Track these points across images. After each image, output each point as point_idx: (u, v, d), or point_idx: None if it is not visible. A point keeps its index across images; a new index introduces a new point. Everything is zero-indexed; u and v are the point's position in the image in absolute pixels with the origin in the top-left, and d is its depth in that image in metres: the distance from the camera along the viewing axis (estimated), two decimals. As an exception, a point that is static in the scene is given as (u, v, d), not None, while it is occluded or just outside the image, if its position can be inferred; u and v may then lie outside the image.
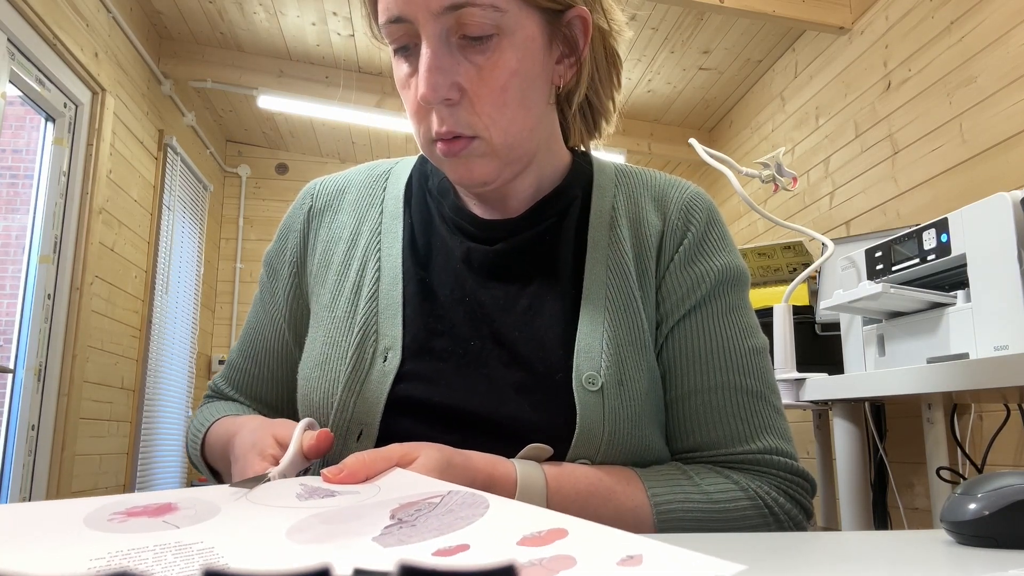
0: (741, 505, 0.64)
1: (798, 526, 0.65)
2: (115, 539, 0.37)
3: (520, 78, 0.64)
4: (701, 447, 0.68)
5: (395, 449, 0.54)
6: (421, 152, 0.81)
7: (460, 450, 0.58)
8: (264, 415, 0.79)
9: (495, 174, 0.67)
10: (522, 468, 0.60)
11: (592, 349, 0.66)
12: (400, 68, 0.66)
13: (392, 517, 0.40)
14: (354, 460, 0.52)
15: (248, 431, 0.64)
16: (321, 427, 0.67)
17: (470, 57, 0.63)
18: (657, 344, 0.71)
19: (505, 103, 0.63)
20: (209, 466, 0.77)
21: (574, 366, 0.65)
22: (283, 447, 0.59)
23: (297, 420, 0.64)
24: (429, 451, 0.55)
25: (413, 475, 0.50)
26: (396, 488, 0.47)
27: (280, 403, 0.80)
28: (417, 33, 0.63)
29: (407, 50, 0.65)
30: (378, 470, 0.52)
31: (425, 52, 0.62)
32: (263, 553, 0.36)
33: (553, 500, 0.59)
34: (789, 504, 0.65)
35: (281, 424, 0.63)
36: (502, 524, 0.36)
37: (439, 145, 0.65)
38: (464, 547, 0.34)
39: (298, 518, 0.42)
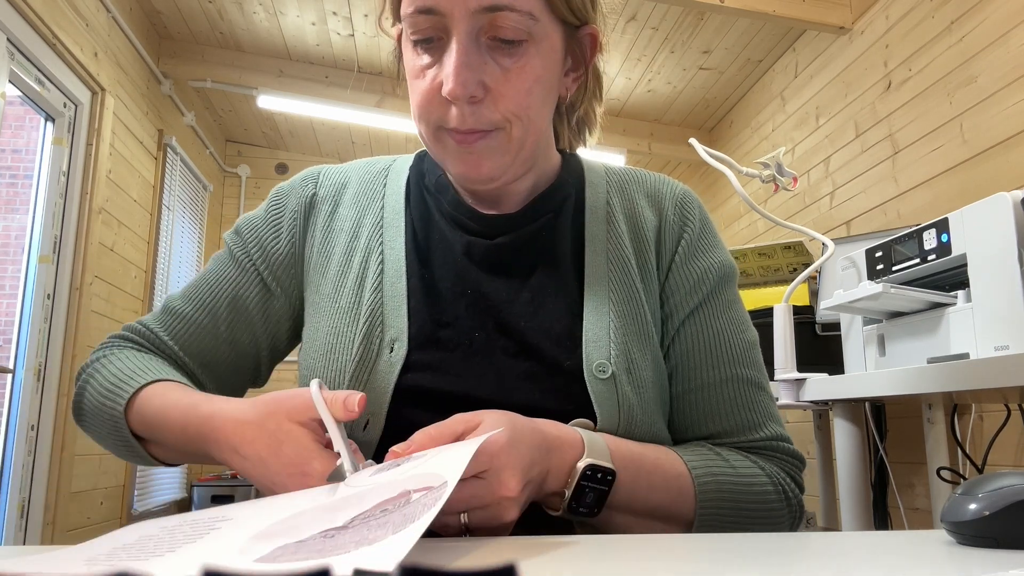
0: (762, 481, 0.68)
1: (799, 501, 0.71)
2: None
3: (542, 85, 0.66)
4: (714, 436, 0.71)
5: (458, 420, 0.55)
6: (422, 148, 0.82)
7: (521, 416, 0.58)
8: (191, 375, 0.76)
9: (501, 171, 0.67)
10: (583, 432, 0.61)
11: (600, 339, 0.68)
12: (417, 59, 0.66)
13: (352, 519, 0.41)
14: (421, 435, 0.53)
15: (250, 427, 0.58)
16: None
17: (497, 59, 0.64)
18: (665, 339, 0.73)
19: (528, 105, 0.65)
20: (131, 429, 0.69)
21: (584, 355, 0.67)
22: (310, 427, 0.57)
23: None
24: (492, 416, 0.55)
25: (463, 452, 0.47)
26: (425, 469, 0.47)
27: (218, 366, 0.77)
28: (445, 27, 0.63)
29: (429, 42, 0.65)
30: (443, 443, 0.53)
31: (456, 49, 0.62)
32: (252, 527, 0.43)
33: (614, 459, 0.61)
34: (792, 483, 0.71)
35: (283, 409, 0.58)
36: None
37: (454, 135, 0.65)
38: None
39: (312, 504, 0.47)
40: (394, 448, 0.53)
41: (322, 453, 0.55)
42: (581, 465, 0.58)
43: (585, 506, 0.58)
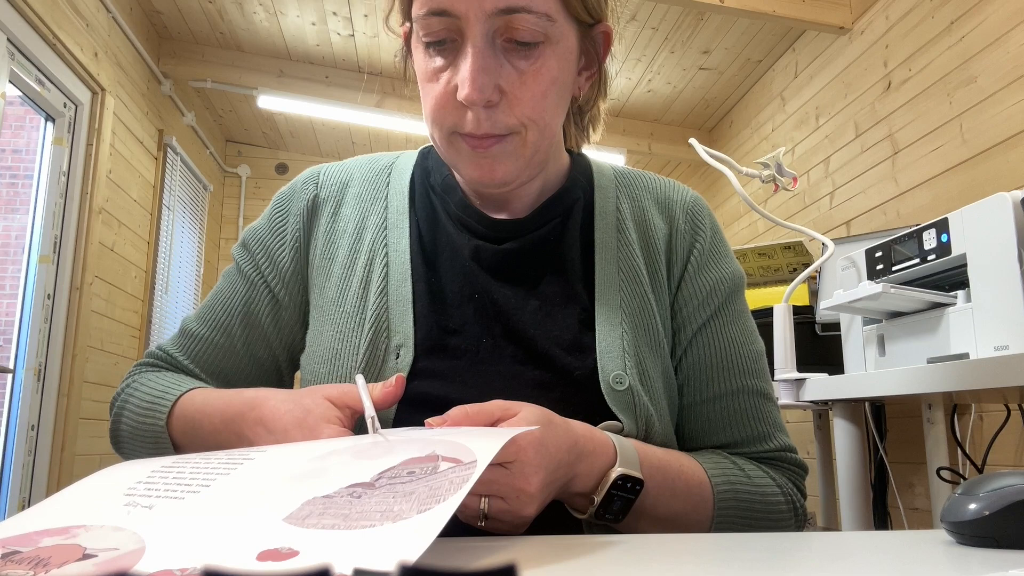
0: (774, 491, 0.69)
1: (804, 508, 0.73)
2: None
3: (557, 87, 0.65)
4: (724, 446, 0.72)
5: (496, 405, 0.55)
6: (425, 145, 0.81)
7: (557, 415, 0.58)
8: None
9: (515, 174, 0.66)
10: (614, 437, 0.61)
11: (613, 350, 0.67)
12: (430, 61, 0.64)
13: (380, 475, 0.42)
14: (457, 412, 0.53)
15: (285, 402, 0.60)
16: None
17: (513, 61, 0.62)
18: (676, 351, 0.73)
19: (544, 109, 0.64)
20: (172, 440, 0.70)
21: (599, 367, 0.66)
22: (341, 409, 0.58)
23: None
24: (530, 408, 0.55)
25: (497, 437, 0.47)
26: (457, 439, 0.47)
27: (240, 380, 0.77)
28: (459, 29, 0.62)
29: (442, 44, 0.63)
30: (478, 424, 0.53)
31: (471, 52, 0.61)
32: (284, 467, 0.46)
33: (642, 467, 0.61)
34: (798, 493, 0.72)
35: (323, 389, 0.60)
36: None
37: (468, 140, 0.64)
38: (294, 554, 0.35)
39: (346, 445, 0.49)
40: (429, 420, 0.53)
41: (337, 429, 0.56)
42: (614, 474, 0.57)
43: (612, 513, 0.59)
